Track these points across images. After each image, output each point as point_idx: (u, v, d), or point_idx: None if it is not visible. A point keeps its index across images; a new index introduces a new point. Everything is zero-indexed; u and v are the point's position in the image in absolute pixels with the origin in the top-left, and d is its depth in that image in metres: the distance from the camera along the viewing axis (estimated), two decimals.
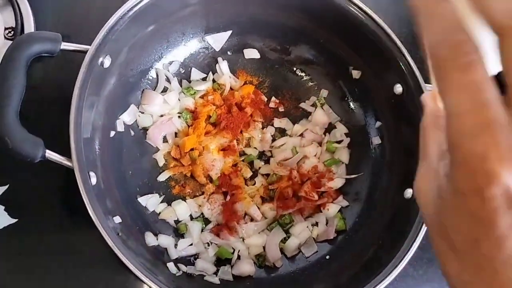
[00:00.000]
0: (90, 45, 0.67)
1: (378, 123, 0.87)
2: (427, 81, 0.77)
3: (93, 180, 0.66)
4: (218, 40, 0.88)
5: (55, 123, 0.67)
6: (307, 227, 0.82)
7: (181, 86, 0.87)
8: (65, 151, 0.65)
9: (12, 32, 0.88)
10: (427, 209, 0.34)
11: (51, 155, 0.61)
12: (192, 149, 0.82)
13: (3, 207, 0.80)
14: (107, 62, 0.70)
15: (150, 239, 0.77)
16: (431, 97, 0.38)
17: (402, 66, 0.78)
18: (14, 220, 0.79)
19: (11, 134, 0.57)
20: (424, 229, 0.70)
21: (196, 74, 0.88)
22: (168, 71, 0.86)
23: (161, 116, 0.84)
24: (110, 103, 0.76)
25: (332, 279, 0.78)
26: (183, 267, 0.76)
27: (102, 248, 0.74)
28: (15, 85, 0.58)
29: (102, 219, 0.61)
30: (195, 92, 0.86)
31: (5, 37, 0.89)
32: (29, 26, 0.90)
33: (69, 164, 0.61)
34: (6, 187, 0.81)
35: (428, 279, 0.88)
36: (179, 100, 0.85)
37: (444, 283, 0.79)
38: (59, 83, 0.81)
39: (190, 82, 0.87)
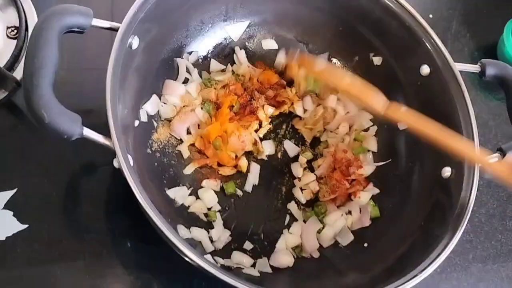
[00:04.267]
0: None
1: (404, 108, 0.85)
2: (455, 59, 0.77)
3: (131, 162, 0.61)
4: (236, 30, 0.86)
5: (89, 104, 0.62)
6: (342, 215, 0.79)
7: (201, 77, 0.83)
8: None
9: (16, 31, 0.85)
10: None
11: (89, 133, 0.56)
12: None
13: (11, 213, 0.73)
14: (135, 43, 0.67)
15: (183, 232, 0.72)
16: None
17: (428, 45, 0.78)
18: (24, 226, 0.73)
19: (47, 107, 0.52)
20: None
21: (215, 65, 0.85)
22: (188, 61, 0.83)
23: (184, 107, 0.80)
24: (134, 91, 0.72)
25: (367, 270, 0.74)
26: (220, 260, 0.71)
27: (118, 257, 0.73)
28: (50, 56, 0.53)
29: (146, 199, 0.55)
30: (216, 83, 0.82)
31: (7, 35, 0.85)
32: (33, 24, 0.86)
33: (108, 143, 0.56)
34: (14, 191, 0.75)
35: (446, 277, 0.86)
36: (200, 91, 0.82)
37: (462, 279, 0.78)
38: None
39: (209, 73, 0.84)
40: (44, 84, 0.52)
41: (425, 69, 0.79)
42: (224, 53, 0.87)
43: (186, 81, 0.83)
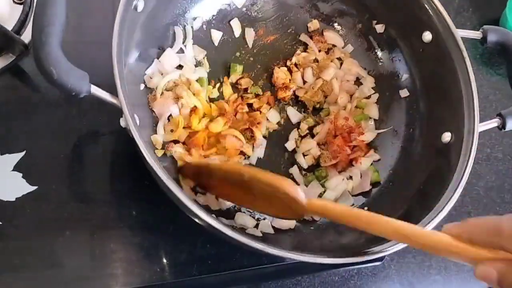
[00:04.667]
0: None
1: (406, 76, 0.86)
2: (457, 25, 0.77)
3: (138, 122, 0.62)
4: None
5: (95, 65, 0.63)
6: (343, 180, 0.81)
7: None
8: None
9: None
10: None
11: (96, 90, 0.57)
12: None
13: (20, 174, 0.75)
14: (140, 5, 0.67)
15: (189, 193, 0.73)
16: None
17: (430, 12, 0.78)
18: (33, 188, 0.74)
19: (56, 64, 0.53)
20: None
21: (216, 34, 0.86)
22: (192, 27, 0.83)
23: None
24: (139, 55, 0.73)
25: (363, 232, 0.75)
26: (224, 220, 0.73)
27: (124, 218, 0.75)
28: (58, 14, 0.54)
29: (153, 157, 0.57)
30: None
31: (13, 1, 0.86)
32: None
33: (114, 101, 0.57)
34: (22, 153, 0.76)
35: None
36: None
37: None
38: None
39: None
40: (52, 41, 0.53)
41: (427, 36, 0.80)
42: (228, 19, 0.87)
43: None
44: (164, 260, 0.75)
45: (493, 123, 0.74)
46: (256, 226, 0.75)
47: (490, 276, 0.43)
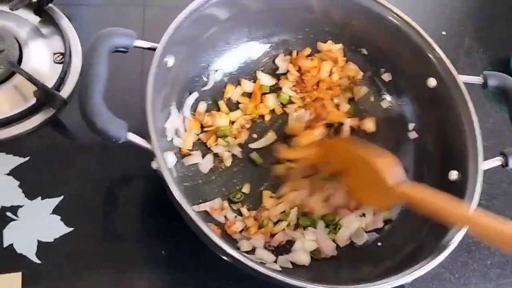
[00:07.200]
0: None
1: (413, 119, 0.92)
2: (469, 73, 0.84)
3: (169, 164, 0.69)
4: (258, 50, 0.95)
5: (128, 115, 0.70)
6: (356, 217, 0.85)
7: None
8: None
9: (61, 57, 0.95)
10: None
11: (132, 137, 0.64)
12: None
13: (59, 217, 0.81)
14: (170, 61, 0.75)
15: None
16: None
17: (433, 59, 0.85)
18: (70, 229, 0.80)
19: (99, 115, 0.61)
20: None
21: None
22: (216, 79, 0.91)
23: None
24: (163, 106, 0.81)
25: (380, 265, 0.79)
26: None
27: (154, 256, 0.80)
28: (101, 71, 0.62)
29: (182, 198, 0.63)
30: None
31: (54, 61, 0.94)
32: (77, 51, 0.96)
33: (148, 146, 0.64)
34: (61, 198, 0.83)
35: (465, 282, 0.90)
36: None
37: (481, 284, 0.80)
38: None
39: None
40: (96, 95, 0.61)
41: (431, 82, 0.86)
42: (248, 71, 0.95)
43: None
44: None
45: (497, 161, 0.79)
46: (275, 261, 0.79)
47: None
